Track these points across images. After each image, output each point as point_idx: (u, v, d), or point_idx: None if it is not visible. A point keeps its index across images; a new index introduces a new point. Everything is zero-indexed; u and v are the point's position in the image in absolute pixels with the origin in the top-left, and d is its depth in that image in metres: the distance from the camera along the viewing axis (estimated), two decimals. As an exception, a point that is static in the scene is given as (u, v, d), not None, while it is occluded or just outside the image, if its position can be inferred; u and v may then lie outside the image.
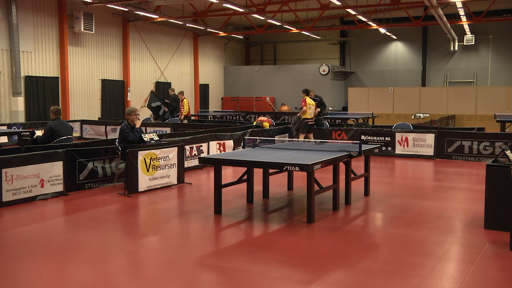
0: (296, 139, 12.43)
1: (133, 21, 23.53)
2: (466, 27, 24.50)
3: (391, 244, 6.10)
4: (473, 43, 26.63)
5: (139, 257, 5.73)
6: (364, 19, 22.64)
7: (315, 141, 9.07)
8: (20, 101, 18.44)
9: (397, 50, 29.82)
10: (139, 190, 8.93)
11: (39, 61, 19.44)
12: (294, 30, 25.52)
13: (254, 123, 15.96)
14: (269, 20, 23.15)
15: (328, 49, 31.70)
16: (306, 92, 13.80)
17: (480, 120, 23.72)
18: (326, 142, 8.79)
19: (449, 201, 8.49)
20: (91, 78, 21.81)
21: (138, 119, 9.65)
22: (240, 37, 30.91)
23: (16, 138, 12.76)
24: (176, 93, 18.74)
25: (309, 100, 13.68)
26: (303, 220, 6.99)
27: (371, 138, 14.21)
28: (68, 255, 5.67)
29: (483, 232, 6.43)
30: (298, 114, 13.87)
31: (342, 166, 7.81)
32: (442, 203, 8.20)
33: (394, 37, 28.86)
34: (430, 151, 13.56)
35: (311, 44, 31.96)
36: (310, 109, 13.60)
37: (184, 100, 18.38)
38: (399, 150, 13.94)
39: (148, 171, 9.08)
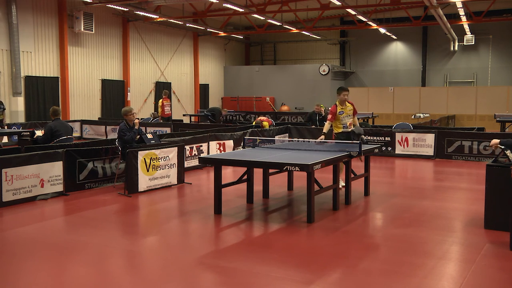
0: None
1: (133, 21, 23.53)
2: (466, 27, 24.49)
3: (391, 244, 6.09)
4: (473, 43, 26.62)
5: (139, 257, 5.72)
6: (364, 19, 22.63)
7: (315, 141, 9.04)
8: (20, 101, 18.44)
9: (397, 50, 29.81)
10: (139, 190, 8.92)
11: (39, 61, 19.43)
12: (294, 30, 25.51)
13: (254, 123, 15.97)
14: (269, 20, 23.14)
15: (328, 49, 31.69)
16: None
17: (480, 120, 23.73)
18: (326, 142, 8.78)
19: (449, 201, 8.48)
20: (91, 78, 21.81)
21: (138, 118, 9.66)
22: (240, 37, 30.90)
23: (16, 138, 12.76)
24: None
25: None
26: (303, 220, 6.99)
27: (371, 138, 14.21)
28: (68, 255, 5.67)
29: (483, 232, 6.43)
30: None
31: (342, 166, 7.81)
32: (442, 203, 8.20)
33: (394, 37, 28.86)
34: (430, 151, 13.56)
35: (311, 44, 31.96)
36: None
37: (160, 100, 18.68)
38: (399, 150, 13.94)
39: (148, 171, 9.07)
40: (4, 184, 7.71)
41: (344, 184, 9.29)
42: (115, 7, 19.97)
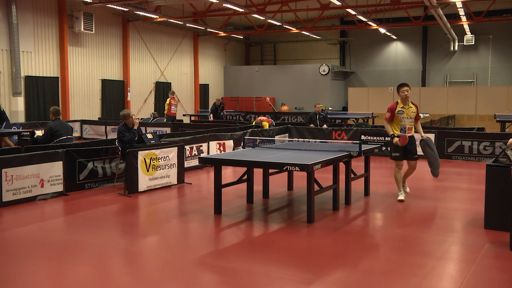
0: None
1: (133, 21, 23.53)
2: (466, 27, 24.50)
3: (391, 244, 6.10)
4: (473, 43, 26.64)
5: (139, 257, 5.72)
6: (364, 19, 22.63)
7: (315, 141, 9.04)
8: (20, 101, 18.44)
9: (397, 50, 29.81)
10: (139, 190, 8.92)
11: (39, 61, 19.43)
12: (294, 30, 25.51)
13: (254, 123, 15.97)
14: (269, 20, 23.14)
15: (328, 49, 31.69)
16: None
17: (480, 120, 23.72)
18: (326, 142, 8.78)
19: (449, 201, 8.48)
20: (91, 78, 21.80)
21: (138, 118, 9.67)
22: (240, 37, 30.90)
23: (16, 138, 12.75)
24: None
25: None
26: (303, 220, 6.99)
27: (371, 138, 14.20)
28: (68, 255, 5.67)
29: (483, 232, 6.42)
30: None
31: (342, 166, 7.81)
32: (442, 203, 8.20)
33: (394, 37, 28.86)
34: (430, 151, 13.53)
35: (311, 44, 31.95)
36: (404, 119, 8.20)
37: (168, 99, 18.87)
38: (399, 150, 13.90)
39: (148, 171, 9.07)
40: (4, 184, 7.70)
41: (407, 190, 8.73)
42: (115, 7, 19.97)
